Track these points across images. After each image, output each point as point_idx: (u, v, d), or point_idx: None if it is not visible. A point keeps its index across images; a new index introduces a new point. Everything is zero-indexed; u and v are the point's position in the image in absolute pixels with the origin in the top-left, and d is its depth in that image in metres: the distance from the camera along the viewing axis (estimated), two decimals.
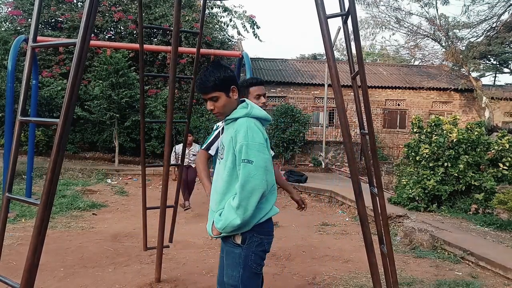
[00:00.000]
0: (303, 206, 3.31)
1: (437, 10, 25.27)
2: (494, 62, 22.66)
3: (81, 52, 1.82)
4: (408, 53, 23.06)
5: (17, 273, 1.84)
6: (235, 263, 2.19)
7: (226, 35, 16.29)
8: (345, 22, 2.60)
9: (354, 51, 2.54)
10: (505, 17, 16.28)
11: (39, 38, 6.79)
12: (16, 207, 6.86)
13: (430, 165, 7.53)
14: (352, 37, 2.53)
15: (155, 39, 14.66)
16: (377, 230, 2.69)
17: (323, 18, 2.26)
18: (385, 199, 2.79)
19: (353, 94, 2.78)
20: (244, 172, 2.06)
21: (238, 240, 2.18)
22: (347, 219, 7.58)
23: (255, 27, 15.37)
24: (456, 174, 7.26)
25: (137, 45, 5.06)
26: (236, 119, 2.22)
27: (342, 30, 2.81)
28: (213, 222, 2.21)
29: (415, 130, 8.16)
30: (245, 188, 2.06)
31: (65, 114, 1.81)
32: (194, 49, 4.12)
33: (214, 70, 2.17)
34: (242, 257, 2.18)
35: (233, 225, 2.10)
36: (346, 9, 2.47)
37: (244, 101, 2.32)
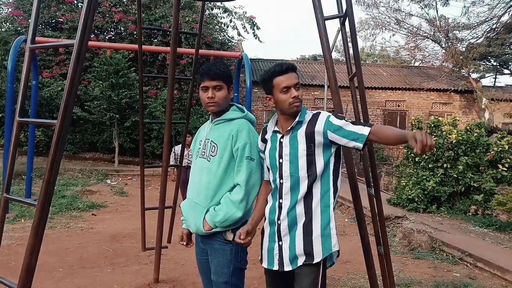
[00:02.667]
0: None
1: (437, 11, 25.34)
2: (494, 63, 22.62)
3: (79, 53, 1.83)
4: (408, 54, 23.03)
5: (16, 273, 1.85)
6: (225, 260, 2.23)
7: (226, 36, 16.28)
8: (342, 24, 2.61)
9: (352, 52, 2.55)
10: (505, 18, 16.28)
11: (39, 39, 6.80)
12: (16, 207, 6.87)
13: (430, 166, 7.54)
14: (350, 38, 2.54)
15: (156, 40, 14.66)
16: (374, 231, 2.70)
17: (321, 20, 2.27)
18: (384, 200, 2.81)
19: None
20: (248, 168, 2.18)
21: (230, 237, 2.22)
22: (346, 220, 7.58)
23: (255, 28, 15.36)
24: (456, 175, 7.27)
25: (136, 46, 5.07)
26: (231, 119, 2.29)
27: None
28: (203, 217, 2.22)
29: (414, 131, 8.16)
30: (248, 183, 2.18)
31: (62, 115, 1.82)
32: (193, 50, 4.13)
33: (222, 64, 2.29)
34: (233, 253, 2.25)
35: (234, 219, 2.17)
36: (344, 11, 2.48)
37: (233, 104, 2.37)
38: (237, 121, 2.26)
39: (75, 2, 14.65)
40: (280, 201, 2.12)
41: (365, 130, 1.99)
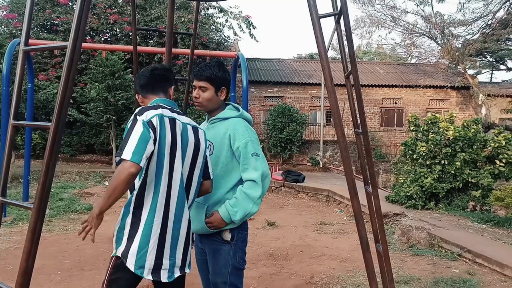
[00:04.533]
0: None
1: (432, 8, 25.31)
2: (490, 59, 22.69)
3: (72, 55, 1.81)
4: (404, 51, 23.07)
5: (14, 277, 1.86)
6: (224, 260, 2.23)
7: (222, 35, 16.29)
8: (337, 22, 2.60)
9: (347, 50, 2.55)
10: (500, 14, 16.31)
11: (33, 41, 6.78)
12: (14, 210, 6.84)
13: (427, 163, 7.55)
14: (345, 36, 2.53)
15: (151, 41, 14.64)
16: (372, 229, 2.70)
17: (316, 18, 2.26)
18: (383, 197, 2.79)
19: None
20: (258, 164, 2.20)
21: (228, 237, 2.22)
22: (344, 218, 7.59)
23: (251, 27, 15.35)
24: (453, 172, 7.28)
25: (131, 47, 5.06)
26: (226, 118, 2.31)
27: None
28: (206, 214, 2.23)
29: (412, 128, 8.19)
30: (263, 179, 2.20)
31: (57, 118, 1.81)
32: (189, 50, 4.11)
33: (216, 66, 2.30)
34: (231, 253, 2.25)
35: (251, 214, 2.21)
36: (339, 9, 2.47)
37: (229, 103, 2.37)
38: (232, 120, 2.28)
39: (70, 4, 14.62)
40: None
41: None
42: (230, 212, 2.16)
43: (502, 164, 7.34)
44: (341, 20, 2.49)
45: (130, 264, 1.90)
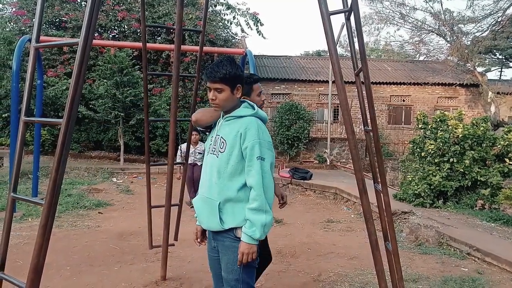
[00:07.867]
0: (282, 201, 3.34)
1: (441, 5, 25.03)
2: (500, 57, 22.51)
3: (83, 52, 1.82)
4: (413, 49, 22.94)
5: (24, 272, 1.88)
6: (236, 257, 2.21)
7: (230, 32, 16.29)
8: (348, 19, 2.58)
9: (357, 47, 2.54)
10: (510, 11, 16.20)
11: (43, 38, 6.83)
12: (23, 206, 6.90)
13: (436, 161, 7.49)
14: (355, 33, 2.52)
15: (159, 38, 14.68)
16: (381, 227, 2.69)
17: (326, 15, 2.25)
18: (390, 195, 2.78)
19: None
20: (260, 169, 2.15)
21: (240, 234, 2.19)
22: (352, 216, 7.57)
23: (258, 24, 15.34)
24: (462, 170, 7.22)
25: (140, 44, 5.07)
26: (240, 117, 2.28)
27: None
28: (219, 218, 2.22)
29: (420, 126, 8.13)
30: (263, 184, 2.15)
31: (68, 114, 1.82)
32: (197, 47, 4.12)
33: (227, 64, 2.23)
34: None
35: (269, 223, 2.17)
36: (349, 5, 2.45)
37: (244, 101, 2.36)
38: (246, 119, 2.25)
39: (79, 1, 14.69)
40: None
41: None
42: (249, 234, 2.15)
43: (511, 163, 7.27)
44: (351, 17, 2.47)
45: None
